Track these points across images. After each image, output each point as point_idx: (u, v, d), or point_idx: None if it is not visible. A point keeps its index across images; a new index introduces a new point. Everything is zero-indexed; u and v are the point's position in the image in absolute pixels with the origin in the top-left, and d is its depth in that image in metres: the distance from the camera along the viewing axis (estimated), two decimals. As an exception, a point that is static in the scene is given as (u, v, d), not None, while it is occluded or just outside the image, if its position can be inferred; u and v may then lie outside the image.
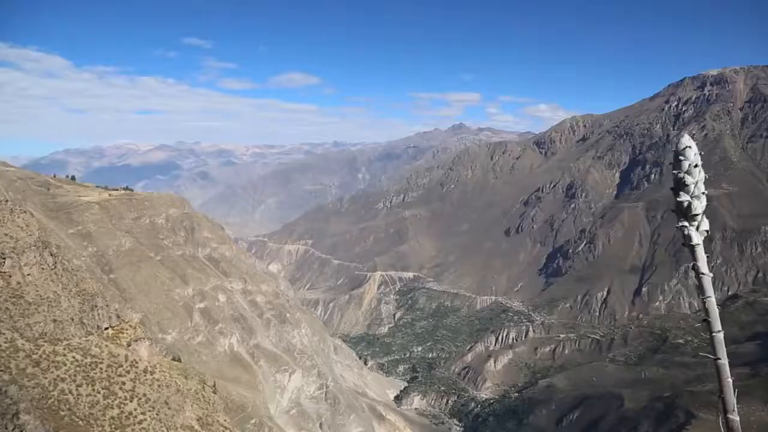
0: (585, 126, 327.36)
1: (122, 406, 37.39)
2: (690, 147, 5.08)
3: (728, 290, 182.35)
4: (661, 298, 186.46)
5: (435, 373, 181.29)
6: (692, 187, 5.13)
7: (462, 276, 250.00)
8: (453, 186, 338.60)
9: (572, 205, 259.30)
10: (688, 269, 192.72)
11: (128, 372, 40.83)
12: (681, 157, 5.10)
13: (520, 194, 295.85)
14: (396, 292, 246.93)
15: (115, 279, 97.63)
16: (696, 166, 5.11)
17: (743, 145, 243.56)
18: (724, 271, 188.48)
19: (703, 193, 5.18)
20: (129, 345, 46.82)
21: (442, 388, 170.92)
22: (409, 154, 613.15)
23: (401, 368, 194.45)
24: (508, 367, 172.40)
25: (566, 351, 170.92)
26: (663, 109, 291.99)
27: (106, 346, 42.17)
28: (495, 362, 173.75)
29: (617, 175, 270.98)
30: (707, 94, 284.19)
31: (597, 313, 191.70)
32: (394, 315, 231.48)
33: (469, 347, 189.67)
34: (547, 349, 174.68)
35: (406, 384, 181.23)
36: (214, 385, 64.06)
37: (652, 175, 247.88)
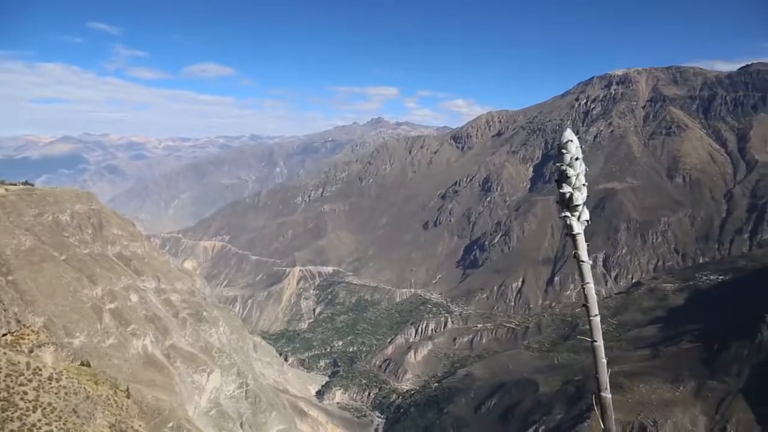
0: (500, 121, 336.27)
1: (24, 417, 33.89)
2: (572, 141, 5.35)
3: (632, 278, 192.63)
4: (572, 286, 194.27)
5: (356, 367, 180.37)
6: (574, 179, 5.34)
7: (381, 269, 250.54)
8: (372, 180, 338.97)
9: (488, 199, 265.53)
10: (596, 259, 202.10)
11: (30, 380, 37.14)
12: (564, 151, 5.35)
13: (437, 188, 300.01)
14: (316, 287, 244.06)
15: (14, 281, 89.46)
16: (577, 159, 5.34)
17: (645, 142, 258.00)
18: (629, 260, 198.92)
19: (584, 184, 5.37)
20: (31, 351, 43.11)
21: (364, 382, 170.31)
22: (328, 148, 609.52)
23: (322, 363, 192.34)
24: (428, 358, 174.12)
25: (484, 340, 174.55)
26: (573, 106, 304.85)
27: (5, 353, 38.20)
28: (415, 354, 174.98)
29: (531, 169, 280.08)
30: (613, 92, 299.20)
31: (512, 303, 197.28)
32: (314, 310, 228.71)
33: (389, 340, 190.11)
34: (465, 339, 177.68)
35: (327, 379, 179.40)
36: (127, 390, 60.10)
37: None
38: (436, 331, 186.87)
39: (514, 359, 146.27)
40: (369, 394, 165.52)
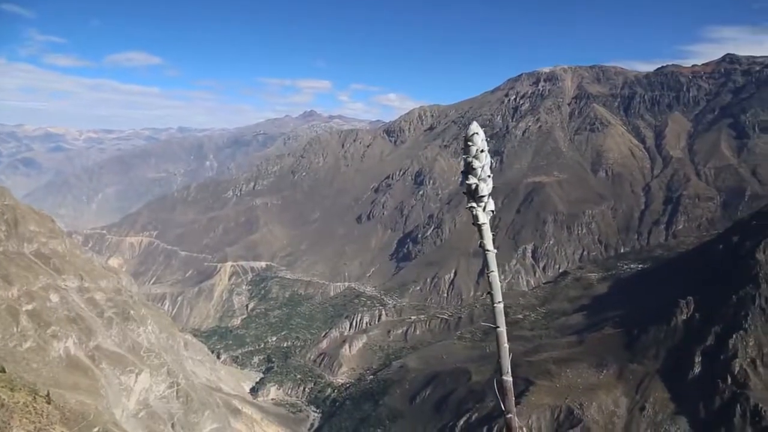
0: (432, 116, 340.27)
1: None
2: (477, 134, 5.42)
3: (559, 268, 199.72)
4: (502, 277, 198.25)
5: (291, 362, 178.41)
6: (479, 170, 5.50)
7: (315, 263, 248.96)
8: (304, 174, 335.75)
9: (421, 192, 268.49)
10: (525, 250, 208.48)
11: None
12: (470, 143, 5.45)
13: (370, 182, 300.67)
14: (248, 283, 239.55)
15: None
16: (483, 151, 5.46)
17: (571, 137, 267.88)
18: (556, 251, 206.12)
19: (489, 176, 5.54)
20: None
21: (299, 377, 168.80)
22: (259, 141, 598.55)
23: (256, 359, 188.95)
24: (363, 351, 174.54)
25: (417, 332, 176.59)
26: (503, 102, 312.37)
27: None
28: (350, 347, 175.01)
29: (462, 162, 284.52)
30: (541, 89, 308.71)
31: (445, 294, 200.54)
32: (246, 306, 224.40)
33: (323, 334, 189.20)
34: (400, 331, 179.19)
35: (261, 375, 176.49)
36: (48, 395, 56.83)
37: (494, 164, 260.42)
38: (370, 324, 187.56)
39: (448, 349, 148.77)
40: (304, 389, 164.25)
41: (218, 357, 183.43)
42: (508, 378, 5.45)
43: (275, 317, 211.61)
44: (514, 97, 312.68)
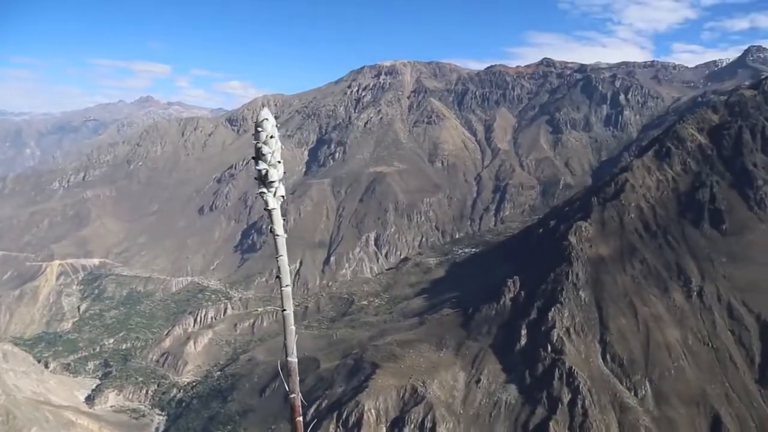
0: (276, 105, 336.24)
1: None
2: (267, 119, 5.62)
3: (400, 254, 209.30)
4: (347, 265, 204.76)
5: (131, 365, 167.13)
6: (269, 156, 5.66)
7: (154, 258, 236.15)
8: (141, 163, 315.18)
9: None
10: (368, 238, 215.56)
11: None
12: (260, 129, 5.61)
13: (213, 171, 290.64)
14: (80, 282, 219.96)
15: None
16: (272, 137, 5.64)
17: (410, 129, 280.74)
18: (397, 239, 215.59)
19: (279, 162, 5.72)
20: None
21: (140, 380, 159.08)
22: (90, 128, 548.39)
23: (91, 365, 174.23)
24: (209, 347, 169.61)
25: (265, 324, 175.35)
26: (346, 93, 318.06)
27: None
28: (195, 344, 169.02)
29: (306, 153, 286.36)
30: (382, 82, 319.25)
31: (292, 284, 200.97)
32: (78, 308, 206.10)
33: (166, 332, 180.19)
34: (246, 324, 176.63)
35: (98, 382, 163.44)
36: None
37: (337, 154, 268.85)
38: (215, 319, 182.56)
39: (296, 339, 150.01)
40: (147, 392, 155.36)
41: (46, 366, 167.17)
42: (293, 359, 5.57)
43: (112, 318, 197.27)
44: (356, 88, 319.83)
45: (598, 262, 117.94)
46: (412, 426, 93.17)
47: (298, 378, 5.60)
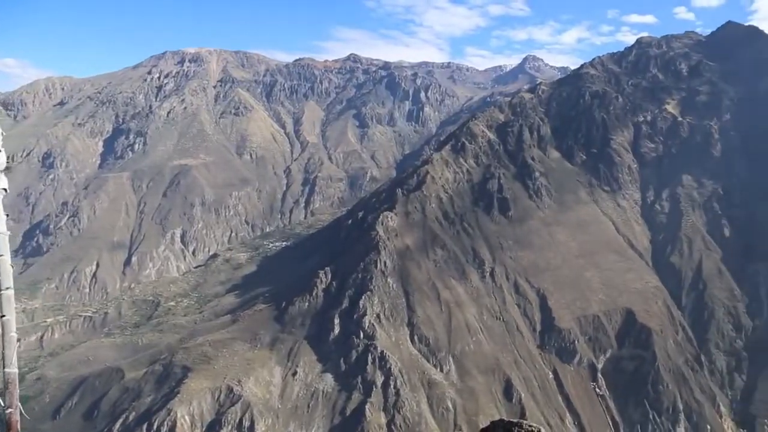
0: (63, 89, 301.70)
1: None
2: None
3: (209, 251, 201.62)
4: (151, 265, 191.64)
5: None
6: None
7: None
8: None
9: (51, 176, 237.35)
10: (174, 235, 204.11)
11: None
12: None
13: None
14: None
15: None
16: None
17: (217, 120, 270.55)
18: (205, 234, 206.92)
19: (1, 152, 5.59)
20: None
21: None
22: None
23: None
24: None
25: (56, 335, 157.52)
26: (146, 80, 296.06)
27: None
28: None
29: (100, 143, 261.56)
30: (186, 70, 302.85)
31: (87, 290, 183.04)
32: None
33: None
34: (33, 338, 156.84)
35: None
36: None
37: (136, 145, 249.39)
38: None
39: (95, 350, 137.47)
40: None
41: None
42: (13, 369, 5.28)
43: None
44: (157, 75, 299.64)
45: (404, 250, 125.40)
46: (230, 427, 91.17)
47: (18, 391, 5.29)
